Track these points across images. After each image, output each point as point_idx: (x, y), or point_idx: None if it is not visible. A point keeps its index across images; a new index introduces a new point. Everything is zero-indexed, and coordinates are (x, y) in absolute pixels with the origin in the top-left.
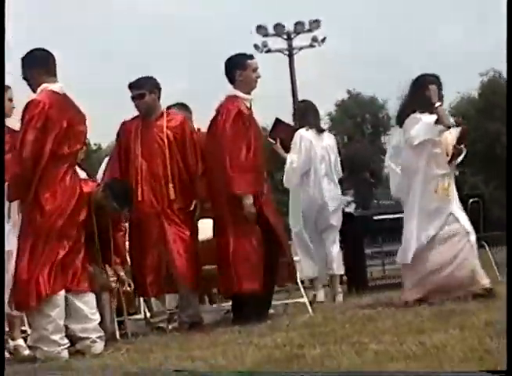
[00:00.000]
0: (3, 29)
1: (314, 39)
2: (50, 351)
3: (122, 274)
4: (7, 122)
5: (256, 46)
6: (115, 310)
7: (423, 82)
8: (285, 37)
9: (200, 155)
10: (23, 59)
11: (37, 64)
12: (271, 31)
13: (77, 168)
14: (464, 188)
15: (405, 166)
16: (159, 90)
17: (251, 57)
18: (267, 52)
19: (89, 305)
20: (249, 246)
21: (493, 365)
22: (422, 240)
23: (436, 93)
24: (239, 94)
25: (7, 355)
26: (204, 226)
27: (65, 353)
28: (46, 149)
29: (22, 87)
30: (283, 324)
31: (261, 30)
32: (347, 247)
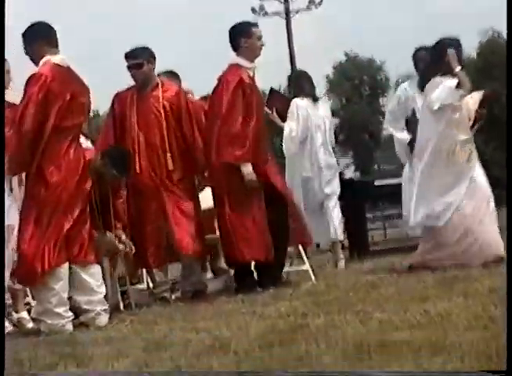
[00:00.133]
0: (3, 29)
1: (311, 2)
2: (54, 324)
3: (124, 237)
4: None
5: (253, 9)
6: (117, 280)
7: (442, 47)
8: (282, 0)
9: (196, 124)
10: (24, 34)
11: (37, 37)
12: None
13: (82, 137)
14: None
15: (424, 130)
16: (154, 60)
17: (256, 25)
18: (264, 16)
19: (95, 278)
20: (247, 216)
21: (497, 333)
22: (449, 204)
23: (455, 57)
24: (242, 62)
25: (11, 327)
26: (206, 195)
27: (69, 326)
28: (49, 122)
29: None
30: (287, 293)
31: None
32: (348, 212)
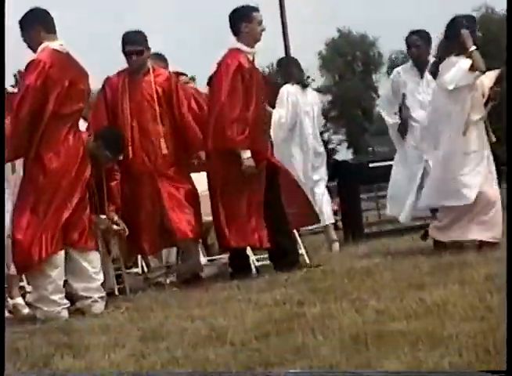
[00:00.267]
0: (3, 29)
1: None
2: (50, 311)
3: (116, 218)
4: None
5: None
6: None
7: (456, 27)
8: None
9: (187, 107)
10: (21, 21)
11: (35, 23)
12: None
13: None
14: None
15: (436, 113)
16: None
17: (257, 10)
18: None
19: (93, 264)
20: (240, 202)
21: (494, 325)
22: (474, 183)
23: (469, 37)
24: (242, 47)
25: (7, 314)
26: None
27: (65, 313)
28: (48, 109)
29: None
30: (282, 279)
31: None
32: (342, 194)
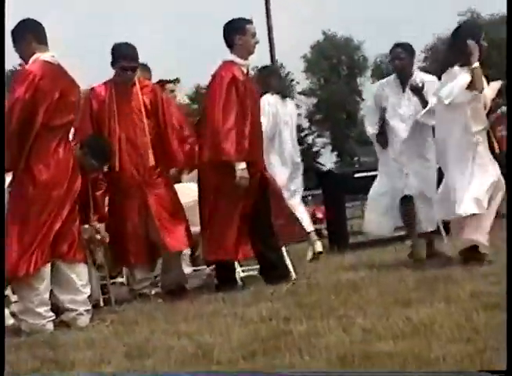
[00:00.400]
0: (3, 29)
1: None
2: (35, 323)
3: (99, 226)
4: None
5: None
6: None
7: (461, 35)
8: None
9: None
10: (13, 32)
11: (26, 34)
12: None
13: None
14: None
15: (440, 129)
16: None
17: (250, 22)
18: None
19: (81, 277)
20: (226, 215)
21: (481, 347)
22: (480, 192)
23: (476, 48)
24: (235, 59)
25: None
26: (185, 191)
27: (50, 325)
28: (37, 121)
29: None
30: (267, 292)
31: None
32: (328, 204)
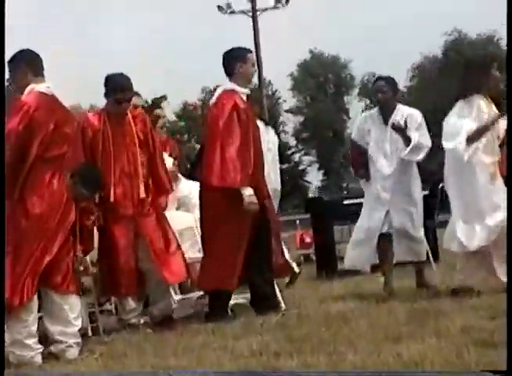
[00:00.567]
0: (3, 29)
1: (278, 0)
2: (23, 355)
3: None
4: None
5: (220, 7)
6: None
7: (485, 66)
8: None
9: (158, 148)
10: (9, 62)
11: (22, 65)
12: None
13: None
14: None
15: (450, 155)
16: None
17: (250, 51)
18: (230, 14)
19: (73, 309)
20: (230, 245)
21: None
22: (493, 225)
23: (498, 81)
24: (236, 87)
25: None
26: (176, 218)
27: (38, 358)
28: (31, 152)
29: None
30: (257, 323)
31: None
32: (316, 230)
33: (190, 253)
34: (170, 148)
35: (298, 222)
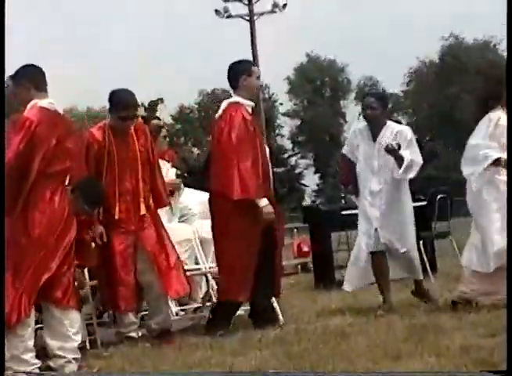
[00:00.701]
0: (3, 29)
1: (275, 5)
2: (21, 370)
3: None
4: None
5: (217, 11)
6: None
7: (499, 76)
8: (246, 2)
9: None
10: (12, 77)
11: (25, 80)
12: None
13: None
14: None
15: (470, 173)
16: None
17: (255, 64)
18: (228, 18)
19: (73, 324)
20: (244, 256)
21: None
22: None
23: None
24: (241, 100)
25: None
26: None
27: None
28: (33, 168)
29: None
30: (255, 338)
31: None
32: (314, 240)
33: (188, 264)
34: (169, 157)
35: (296, 231)
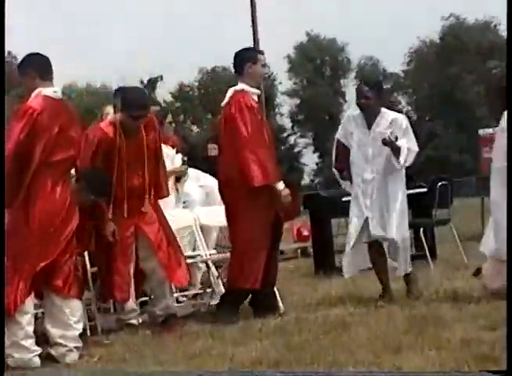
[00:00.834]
0: (3, 28)
1: None
2: (21, 358)
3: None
4: None
5: None
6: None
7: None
8: None
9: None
10: (18, 66)
11: (29, 69)
12: None
13: None
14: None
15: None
16: None
17: (262, 52)
18: None
19: (74, 313)
20: (260, 242)
21: None
22: None
23: None
24: (246, 88)
25: None
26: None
27: (36, 360)
28: (35, 157)
29: None
30: (256, 327)
31: None
32: (314, 227)
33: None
34: (173, 142)
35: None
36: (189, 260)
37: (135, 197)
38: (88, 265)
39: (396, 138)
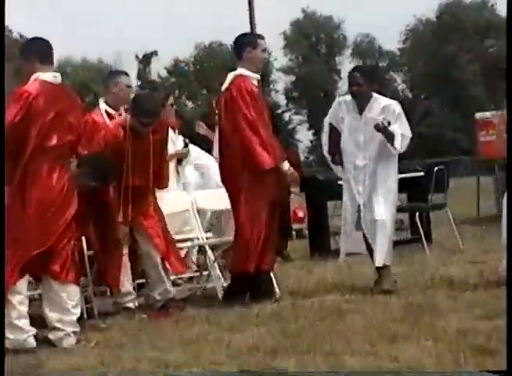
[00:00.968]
0: (3, 29)
1: None
2: (16, 339)
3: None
4: None
5: None
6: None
7: None
8: None
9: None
10: (21, 51)
11: (30, 54)
12: None
13: None
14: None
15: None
16: None
17: (262, 37)
18: None
19: (72, 297)
20: (265, 226)
21: None
22: None
23: None
24: (246, 73)
25: None
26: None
27: (31, 341)
28: (30, 142)
29: None
30: (252, 313)
31: None
32: (310, 209)
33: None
34: (173, 124)
35: (292, 196)
36: (186, 243)
37: (140, 197)
38: (85, 248)
39: (389, 123)
